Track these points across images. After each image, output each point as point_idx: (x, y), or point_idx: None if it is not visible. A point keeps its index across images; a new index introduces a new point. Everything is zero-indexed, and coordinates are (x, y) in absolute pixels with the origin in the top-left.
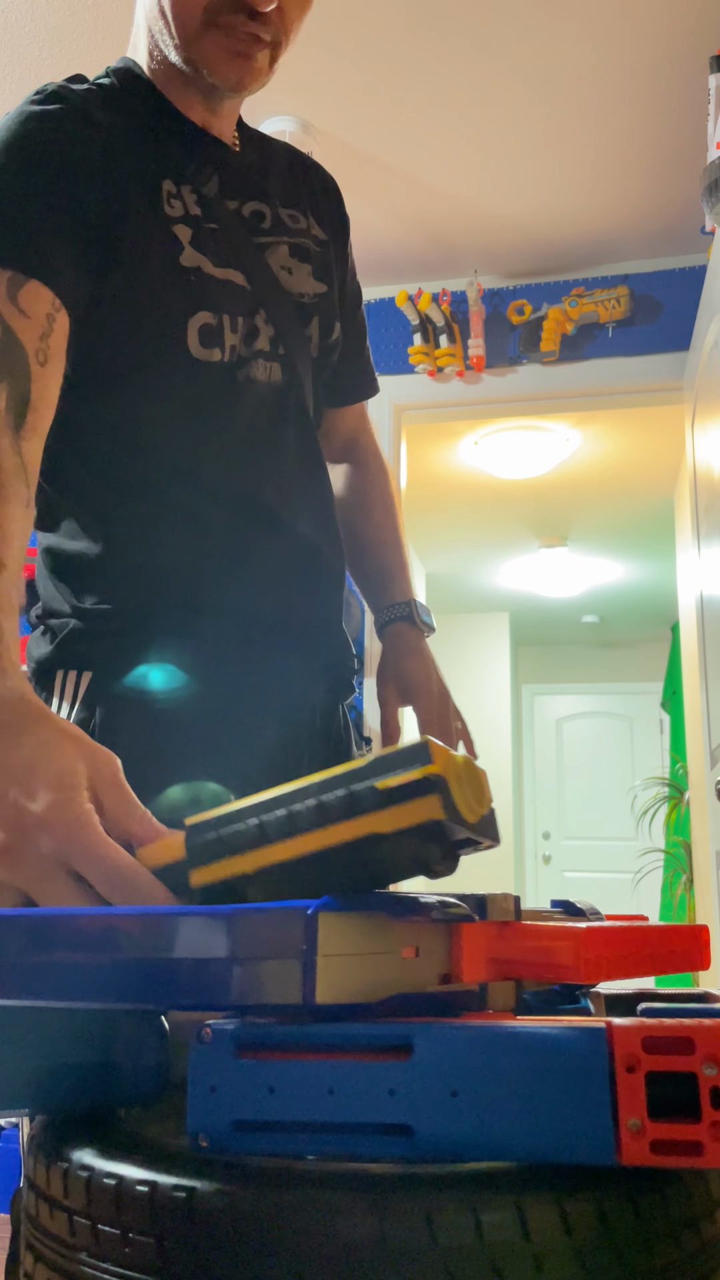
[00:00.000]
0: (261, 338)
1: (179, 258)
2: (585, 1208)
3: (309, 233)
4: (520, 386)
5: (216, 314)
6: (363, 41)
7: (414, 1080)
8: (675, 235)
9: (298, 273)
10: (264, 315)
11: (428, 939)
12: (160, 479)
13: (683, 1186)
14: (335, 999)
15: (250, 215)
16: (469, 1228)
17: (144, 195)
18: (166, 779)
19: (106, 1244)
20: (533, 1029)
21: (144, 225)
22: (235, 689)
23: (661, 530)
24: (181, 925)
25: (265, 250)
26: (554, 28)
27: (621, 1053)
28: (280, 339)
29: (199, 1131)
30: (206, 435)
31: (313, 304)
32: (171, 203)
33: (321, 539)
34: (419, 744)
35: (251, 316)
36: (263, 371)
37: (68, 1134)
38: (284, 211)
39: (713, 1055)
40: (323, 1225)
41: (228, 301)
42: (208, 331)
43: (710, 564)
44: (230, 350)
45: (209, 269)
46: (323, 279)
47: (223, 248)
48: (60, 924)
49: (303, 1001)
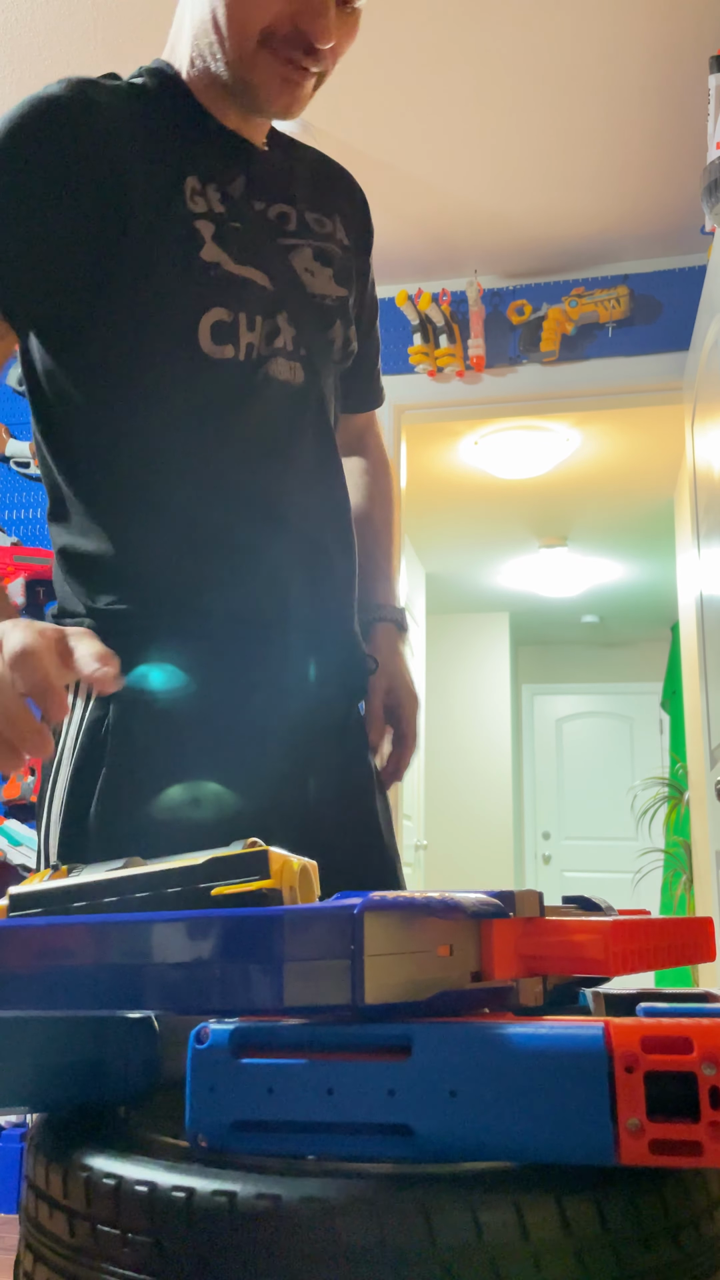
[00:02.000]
0: (283, 337)
1: (199, 252)
2: (584, 1208)
3: (333, 237)
4: (520, 386)
5: (232, 311)
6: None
7: (413, 1080)
8: (675, 235)
9: (320, 275)
10: (286, 315)
11: (460, 937)
12: (169, 478)
13: (682, 1186)
14: (381, 999)
15: (276, 217)
16: (468, 1228)
17: (163, 190)
18: (178, 776)
19: (106, 1244)
20: (532, 1029)
21: (159, 220)
22: (243, 686)
23: (661, 530)
24: (218, 929)
25: (289, 252)
26: (554, 28)
27: (620, 1052)
28: (302, 340)
29: (198, 1132)
30: (218, 434)
31: (334, 307)
32: (195, 199)
33: (330, 540)
34: (258, 854)
35: (273, 315)
36: (285, 370)
37: (67, 1134)
38: (309, 215)
39: (711, 1055)
40: (322, 1225)
41: (247, 299)
42: (221, 328)
43: (710, 564)
44: (247, 348)
45: (229, 265)
46: (344, 284)
47: (245, 246)
48: (107, 930)
49: (351, 1002)
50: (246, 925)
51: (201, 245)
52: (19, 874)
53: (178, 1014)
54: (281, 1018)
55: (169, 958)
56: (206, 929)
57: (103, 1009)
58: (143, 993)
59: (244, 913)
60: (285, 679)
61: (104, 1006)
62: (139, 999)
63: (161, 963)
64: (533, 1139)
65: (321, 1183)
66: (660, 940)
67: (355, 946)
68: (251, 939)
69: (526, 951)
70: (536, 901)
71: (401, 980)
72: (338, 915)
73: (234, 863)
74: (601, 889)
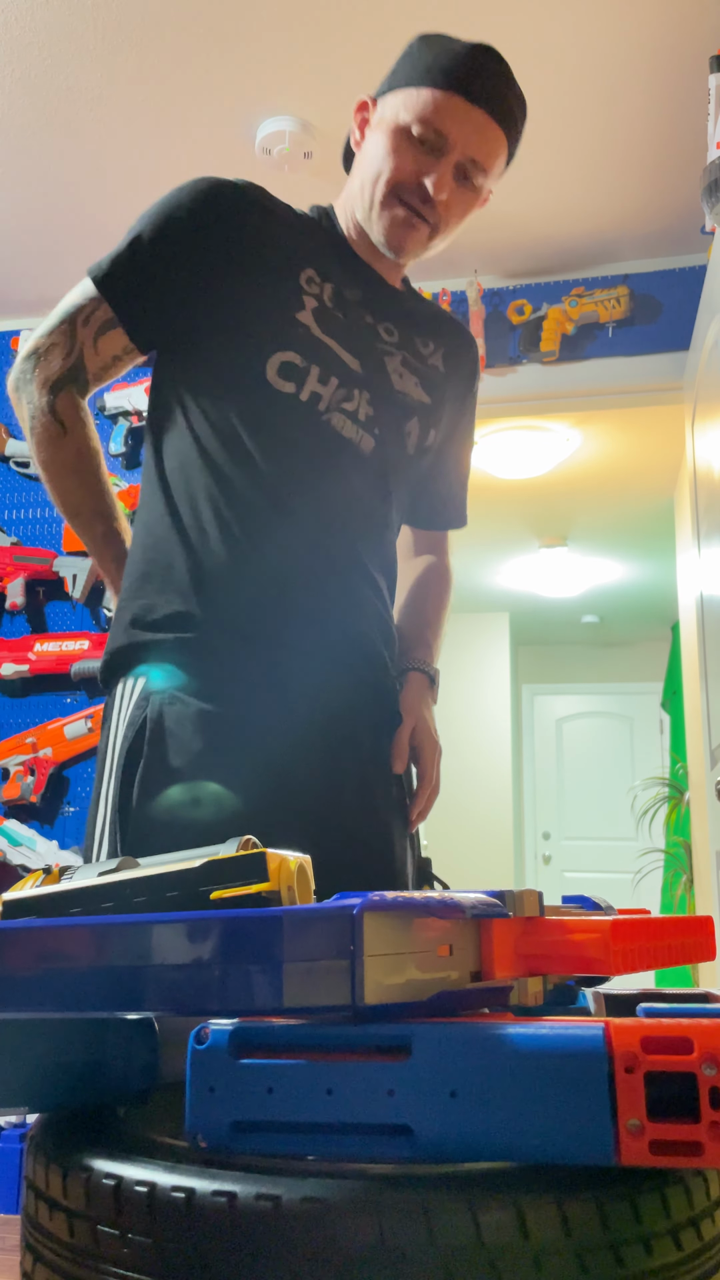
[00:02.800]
0: (356, 404)
1: (294, 313)
2: (585, 1208)
3: (429, 360)
4: (520, 386)
5: (305, 359)
6: (363, 42)
7: (413, 1081)
8: (675, 235)
9: (407, 379)
10: (367, 396)
11: (459, 937)
12: (222, 492)
13: (682, 1186)
14: (381, 999)
15: (381, 329)
16: (468, 1228)
17: (283, 269)
18: (208, 767)
19: (106, 1244)
20: (532, 1029)
21: (270, 283)
22: (272, 686)
23: (661, 530)
24: (217, 929)
25: (383, 354)
26: (553, 28)
27: (620, 1053)
28: (377, 419)
29: (198, 1132)
30: (276, 456)
31: (415, 405)
32: (310, 284)
33: (364, 583)
34: (256, 856)
35: (351, 388)
36: (351, 430)
37: (66, 1135)
38: (415, 337)
39: (711, 1055)
40: (322, 1226)
41: (327, 360)
42: (289, 368)
43: (710, 564)
44: (312, 395)
45: (317, 331)
46: (430, 392)
47: (341, 331)
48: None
49: (351, 1002)
50: (246, 926)
51: (300, 309)
52: (19, 874)
53: (178, 1015)
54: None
55: (169, 959)
56: (206, 930)
57: (103, 1011)
58: (143, 994)
59: (243, 914)
60: (312, 681)
61: (104, 1009)
62: (139, 1001)
63: (161, 964)
64: (533, 1139)
65: (321, 1183)
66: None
67: (355, 947)
68: (251, 940)
69: (526, 951)
70: (536, 901)
71: (401, 980)
72: (337, 916)
73: (232, 865)
74: (602, 889)
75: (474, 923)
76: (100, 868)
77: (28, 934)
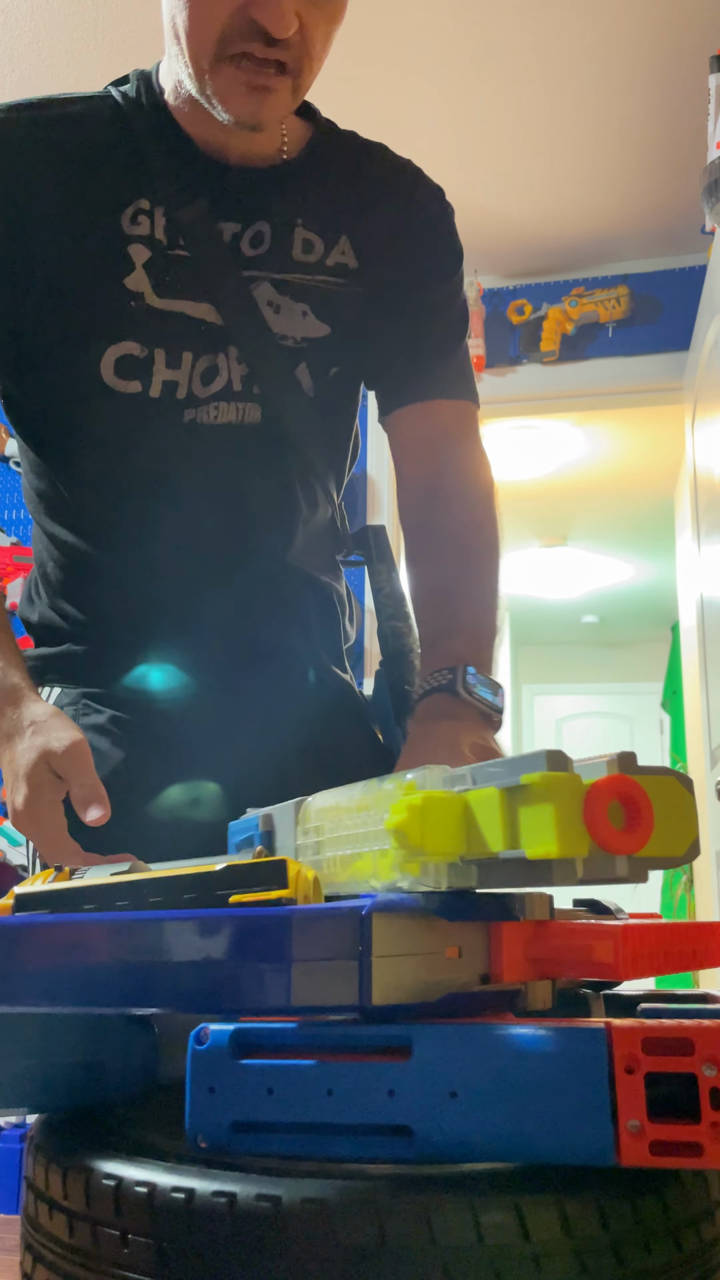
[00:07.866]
0: (224, 376)
1: (124, 279)
2: (585, 1208)
3: (326, 261)
4: (520, 386)
5: (146, 345)
6: (362, 42)
7: (413, 1081)
8: (675, 235)
9: (288, 311)
10: (236, 353)
11: (469, 939)
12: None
13: (682, 1187)
14: (389, 1000)
15: (246, 241)
16: (468, 1228)
17: (90, 219)
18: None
19: (106, 1245)
20: (532, 1030)
21: (78, 249)
22: (206, 715)
23: (661, 530)
24: (227, 927)
25: (251, 284)
26: (554, 28)
27: (621, 1054)
28: (255, 378)
29: (198, 1133)
30: (127, 470)
31: (298, 348)
32: (138, 219)
33: (281, 575)
34: (276, 863)
35: (215, 354)
36: (230, 413)
37: (66, 1135)
38: (302, 234)
39: (712, 1056)
40: (322, 1227)
41: (173, 332)
42: (129, 363)
43: (710, 564)
44: (164, 386)
45: (153, 299)
46: (329, 318)
47: (187, 278)
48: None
49: (359, 1003)
50: (255, 925)
51: (128, 271)
52: (19, 874)
53: (185, 1013)
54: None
55: (177, 956)
56: (215, 928)
57: (111, 1008)
58: (150, 992)
59: (252, 912)
60: (238, 706)
61: (112, 1005)
62: (147, 998)
63: (169, 961)
64: (533, 1140)
65: (321, 1183)
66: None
67: (363, 947)
68: (260, 939)
69: (536, 954)
70: (546, 904)
71: (409, 982)
72: (346, 916)
73: (252, 871)
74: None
75: (484, 925)
76: (111, 868)
77: (41, 928)
